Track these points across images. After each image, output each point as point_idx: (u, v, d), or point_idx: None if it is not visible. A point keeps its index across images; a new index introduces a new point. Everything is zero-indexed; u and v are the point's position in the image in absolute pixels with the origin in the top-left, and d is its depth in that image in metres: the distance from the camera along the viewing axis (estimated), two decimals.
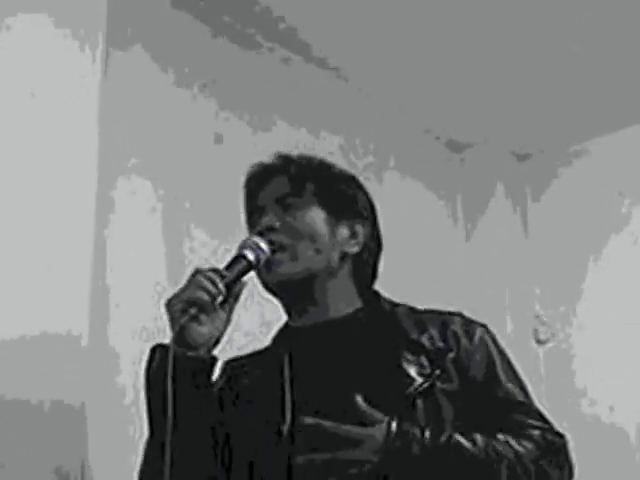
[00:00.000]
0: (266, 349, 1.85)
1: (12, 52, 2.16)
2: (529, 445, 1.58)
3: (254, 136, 2.92)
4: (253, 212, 1.84)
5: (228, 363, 1.86)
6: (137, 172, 2.56)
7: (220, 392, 1.78)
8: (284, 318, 1.85)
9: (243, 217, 1.87)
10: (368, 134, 3.45)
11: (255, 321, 2.51)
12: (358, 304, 1.80)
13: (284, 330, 1.84)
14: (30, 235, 2.07)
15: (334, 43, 3.18)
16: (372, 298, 1.83)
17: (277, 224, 1.76)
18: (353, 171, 3.23)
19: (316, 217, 1.78)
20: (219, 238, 2.40)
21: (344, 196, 1.84)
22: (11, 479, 1.89)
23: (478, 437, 1.55)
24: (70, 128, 2.23)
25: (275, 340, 1.85)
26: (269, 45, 3.12)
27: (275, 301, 1.84)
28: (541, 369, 3.74)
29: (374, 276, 1.87)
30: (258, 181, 1.85)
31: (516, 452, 1.56)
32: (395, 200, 3.46)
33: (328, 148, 3.22)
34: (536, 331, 3.80)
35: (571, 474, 1.66)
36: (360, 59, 3.28)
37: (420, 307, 1.80)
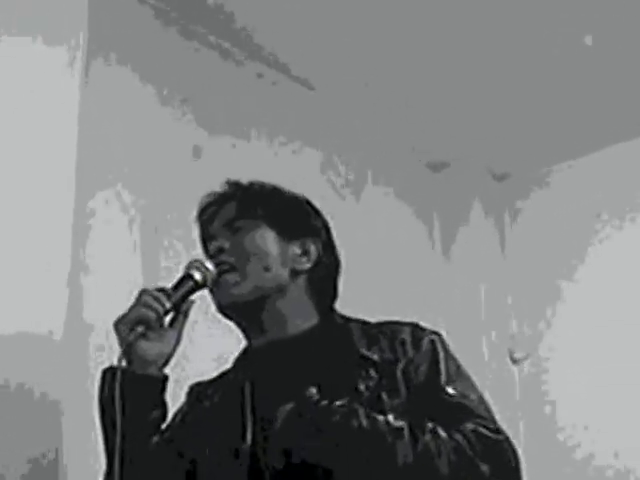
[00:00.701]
0: (228, 371, 1.86)
1: None
2: (457, 436, 1.55)
3: (233, 151, 2.92)
4: (206, 240, 1.85)
5: (193, 388, 1.88)
6: (115, 184, 2.55)
7: (184, 416, 1.81)
8: None
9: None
10: (347, 151, 3.46)
11: None
12: (315, 321, 1.80)
13: (245, 351, 1.85)
14: (8, 240, 2.06)
15: (314, 60, 3.19)
16: (328, 314, 1.83)
17: (226, 245, 1.78)
18: (331, 188, 3.29)
19: (265, 236, 1.79)
20: (196, 251, 2.38)
21: (295, 217, 1.85)
22: None
23: (391, 417, 1.56)
24: (49, 138, 2.22)
25: (235, 362, 1.86)
26: (249, 61, 3.12)
27: None
28: (516, 388, 3.75)
29: (335, 294, 1.87)
30: (209, 210, 1.86)
31: (438, 437, 1.54)
32: (373, 218, 3.47)
33: (307, 165, 3.23)
34: (511, 351, 3.80)
35: (509, 472, 1.59)
36: (341, 77, 3.29)
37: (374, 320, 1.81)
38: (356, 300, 1.92)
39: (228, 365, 1.87)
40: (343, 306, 1.89)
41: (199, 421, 1.76)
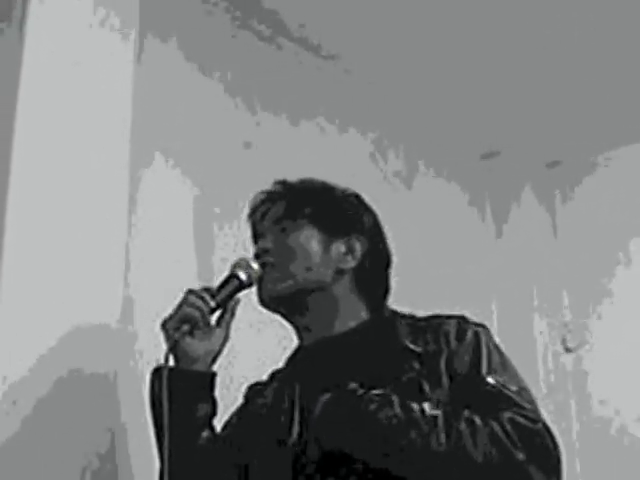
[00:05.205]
0: (281, 370, 1.90)
1: (38, 38, 2.18)
2: (493, 424, 1.53)
3: (284, 140, 2.93)
4: (256, 238, 1.89)
5: (251, 387, 1.92)
6: (166, 168, 2.57)
7: (239, 414, 1.87)
8: None
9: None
10: (398, 139, 3.45)
11: None
12: (364, 317, 1.82)
13: (296, 350, 1.88)
14: (67, 229, 2.10)
15: (367, 50, 3.20)
16: (377, 310, 1.84)
17: (270, 245, 1.82)
18: (381, 177, 3.29)
19: (309, 236, 1.81)
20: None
21: (340, 215, 1.86)
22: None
23: (427, 406, 1.56)
24: (102, 116, 2.24)
25: (287, 360, 1.89)
26: (302, 52, 3.14)
27: None
28: (568, 377, 3.73)
29: (387, 290, 1.88)
30: (259, 209, 1.90)
31: (474, 425, 1.53)
32: (424, 206, 3.46)
33: (357, 155, 3.23)
34: (564, 339, 3.78)
35: (547, 461, 1.56)
36: (393, 67, 3.29)
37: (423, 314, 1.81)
38: (410, 289, 1.93)
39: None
40: (396, 296, 1.91)
41: (251, 417, 1.81)
